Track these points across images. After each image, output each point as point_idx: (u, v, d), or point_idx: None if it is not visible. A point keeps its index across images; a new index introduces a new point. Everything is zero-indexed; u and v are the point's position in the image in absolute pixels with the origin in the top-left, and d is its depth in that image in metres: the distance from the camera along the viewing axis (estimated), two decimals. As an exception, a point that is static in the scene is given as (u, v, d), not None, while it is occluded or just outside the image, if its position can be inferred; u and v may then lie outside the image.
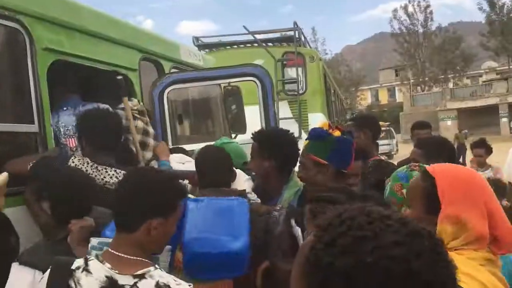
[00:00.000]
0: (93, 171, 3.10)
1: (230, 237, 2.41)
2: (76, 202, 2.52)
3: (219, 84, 5.12)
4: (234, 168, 3.09)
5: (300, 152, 2.79)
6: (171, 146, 4.12)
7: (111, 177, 3.12)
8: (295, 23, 9.49)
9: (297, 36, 9.37)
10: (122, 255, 1.84)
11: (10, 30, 3.14)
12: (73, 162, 3.12)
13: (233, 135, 6.03)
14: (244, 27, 9.48)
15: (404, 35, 55.58)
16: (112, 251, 1.86)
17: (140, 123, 3.75)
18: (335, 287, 0.71)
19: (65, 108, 3.78)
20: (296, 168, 3.21)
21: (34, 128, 3.19)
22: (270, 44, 10.06)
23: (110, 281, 1.75)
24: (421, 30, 55.51)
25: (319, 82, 9.47)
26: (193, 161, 3.45)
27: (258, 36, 9.77)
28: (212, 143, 3.96)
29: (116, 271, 1.77)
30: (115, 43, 4.11)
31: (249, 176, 3.38)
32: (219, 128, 5.83)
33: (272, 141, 3.06)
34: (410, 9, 55.58)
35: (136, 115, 3.73)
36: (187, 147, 4.37)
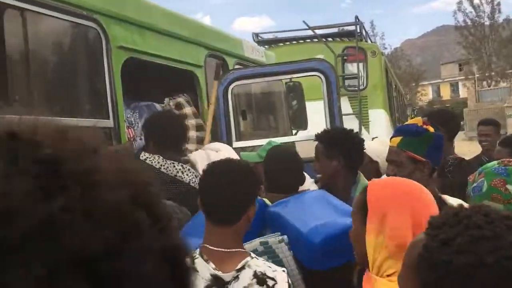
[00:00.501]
0: (165, 163, 3.25)
1: (342, 215, 2.29)
2: None
3: (281, 80, 5.14)
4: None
5: (388, 149, 2.68)
6: (235, 146, 4.19)
7: (177, 171, 3.26)
8: (356, 17, 9.35)
9: (358, 30, 9.23)
10: (223, 249, 1.86)
11: (88, 29, 3.30)
12: (144, 155, 3.27)
13: (293, 131, 6.04)
14: (304, 22, 9.47)
15: (469, 28, 53.22)
16: (212, 247, 1.87)
17: (198, 120, 3.89)
18: (451, 285, 0.70)
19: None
20: None
21: (109, 123, 3.34)
22: (329, 39, 9.96)
23: (215, 279, 1.80)
24: (487, 23, 52.91)
25: (381, 77, 9.28)
26: (227, 150, 3.50)
27: (318, 31, 9.71)
28: (275, 139, 3.99)
29: (220, 271, 1.81)
30: (183, 40, 4.22)
31: (313, 179, 3.35)
32: (282, 124, 5.85)
33: (339, 141, 3.03)
34: (476, 0, 53.11)
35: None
36: (250, 143, 4.43)
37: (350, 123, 8.50)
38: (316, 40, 9.65)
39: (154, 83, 4.26)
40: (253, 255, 1.89)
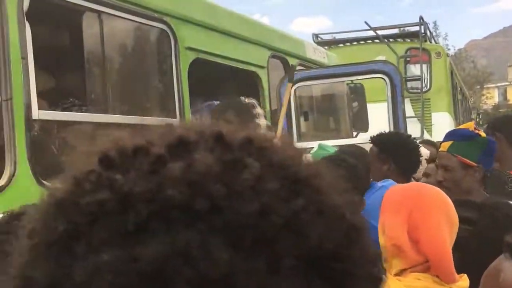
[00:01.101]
0: None
1: None
2: None
3: (344, 82, 5.09)
4: None
5: (439, 153, 2.65)
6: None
7: None
8: (421, 18, 9.09)
9: (422, 31, 8.97)
10: None
11: (158, 31, 3.42)
12: None
13: (354, 133, 5.97)
14: (366, 23, 9.33)
15: (540, 28, 50.36)
16: None
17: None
18: None
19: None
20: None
21: (176, 122, 3.44)
22: (391, 40, 9.75)
23: None
24: (560, 22, 49.82)
25: (446, 79, 8.97)
26: None
27: (379, 32, 9.53)
28: (331, 142, 3.97)
29: None
30: (247, 41, 4.28)
31: None
32: (343, 126, 5.79)
33: (391, 145, 2.97)
34: (548, -1, 50.13)
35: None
36: (311, 144, 4.42)
37: (412, 126, 8.32)
38: (377, 41, 9.48)
39: (218, 84, 4.34)
40: None
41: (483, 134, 2.46)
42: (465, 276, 1.56)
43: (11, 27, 2.39)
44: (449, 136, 2.60)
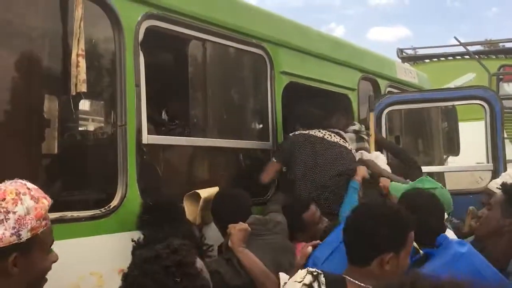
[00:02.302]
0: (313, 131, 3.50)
1: None
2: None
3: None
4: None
5: None
6: None
7: (324, 134, 3.52)
8: (516, 34, 8.60)
9: (518, 48, 8.49)
10: (363, 285, 1.89)
11: (256, 56, 3.50)
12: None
13: (444, 156, 5.75)
14: (456, 38, 9.00)
15: None
16: (352, 280, 1.91)
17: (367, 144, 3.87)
18: None
19: None
20: None
21: (268, 145, 3.50)
22: (482, 56, 9.30)
23: None
24: None
25: (543, 98, 8.39)
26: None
27: (470, 48, 9.12)
28: (431, 168, 3.84)
29: None
30: (338, 63, 4.27)
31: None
32: (435, 149, 5.60)
33: None
34: None
35: (364, 136, 3.85)
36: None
37: (506, 149, 7.86)
38: (466, 56, 9.08)
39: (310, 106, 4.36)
40: None
41: None
42: None
43: (128, 57, 2.56)
44: None
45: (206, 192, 2.77)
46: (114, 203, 2.48)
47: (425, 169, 4.01)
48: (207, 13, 3.02)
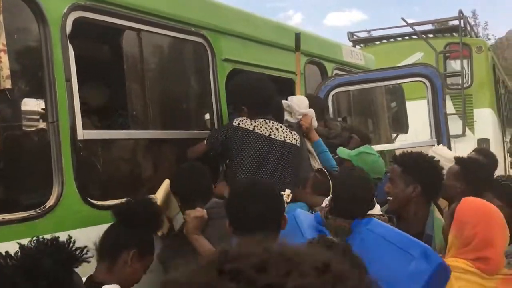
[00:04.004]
0: (258, 124, 3.20)
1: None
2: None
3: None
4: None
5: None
6: None
7: (271, 128, 3.22)
8: (460, 12, 8.82)
9: (462, 25, 8.70)
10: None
11: (196, 44, 3.44)
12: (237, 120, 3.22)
13: (393, 135, 5.86)
14: (403, 19, 9.11)
15: None
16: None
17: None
18: None
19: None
20: None
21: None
22: (430, 35, 9.50)
23: None
24: None
25: (487, 74, 8.68)
26: None
27: (417, 28, 9.30)
28: (377, 147, 3.90)
29: None
30: (283, 49, 4.25)
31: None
32: (382, 128, 5.70)
33: (419, 167, 2.78)
34: None
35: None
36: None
37: (453, 123, 8.08)
38: (414, 37, 9.27)
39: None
40: None
41: None
42: None
43: (55, 50, 2.46)
44: None
45: (161, 193, 2.76)
46: (50, 202, 2.40)
47: (375, 147, 4.07)
48: (141, 2, 2.94)
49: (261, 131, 3.18)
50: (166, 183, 2.88)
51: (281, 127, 3.29)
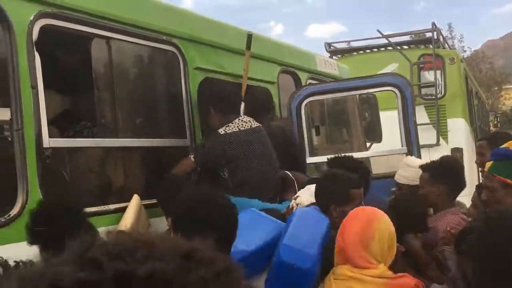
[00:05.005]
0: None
1: None
2: None
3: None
4: None
5: (484, 173, 2.64)
6: (309, 161, 4.19)
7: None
8: (433, 24, 9.01)
9: (435, 37, 8.88)
10: None
11: (167, 53, 3.45)
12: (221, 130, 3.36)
13: (367, 144, 5.93)
14: (378, 31, 9.26)
15: (558, 26, 49.41)
16: None
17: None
18: None
19: None
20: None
21: (186, 142, 3.46)
22: (405, 47, 9.67)
23: None
24: None
25: (460, 85, 8.86)
26: None
27: (392, 39, 9.47)
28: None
29: None
30: (256, 58, 4.28)
31: None
32: (356, 138, 5.76)
33: (443, 168, 3.06)
34: None
35: None
36: (324, 158, 4.40)
37: (427, 133, 8.22)
38: (390, 48, 9.42)
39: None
40: None
41: None
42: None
43: (21, 57, 2.44)
44: (491, 156, 2.60)
45: (129, 218, 2.71)
46: (14, 211, 2.36)
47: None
48: (110, 11, 2.94)
49: (243, 127, 3.41)
50: (135, 198, 2.84)
51: (240, 118, 3.48)
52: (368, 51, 10.12)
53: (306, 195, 2.78)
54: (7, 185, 2.48)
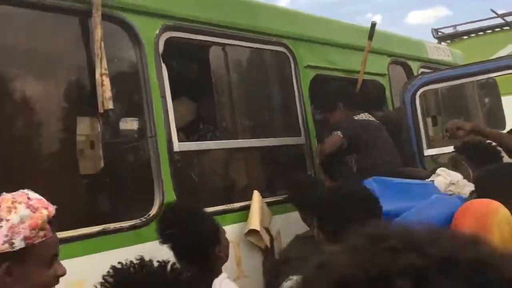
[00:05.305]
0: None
1: None
2: None
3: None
4: None
5: None
6: (426, 154, 4.02)
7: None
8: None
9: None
10: None
11: (278, 53, 3.52)
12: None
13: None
14: (492, 10, 8.65)
15: None
16: None
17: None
18: None
19: None
20: None
21: (301, 140, 3.51)
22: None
23: None
24: None
25: None
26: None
27: (508, 19, 8.76)
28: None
29: None
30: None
31: None
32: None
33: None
34: None
35: None
36: (442, 150, 4.19)
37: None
38: (506, 28, 8.73)
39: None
40: None
41: None
42: None
43: (150, 70, 2.64)
44: None
45: (254, 221, 2.82)
46: (153, 211, 2.56)
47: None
48: (223, 18, 3.08)
49: (371, 119, 3.70)
50: (256, 194, 2.94)
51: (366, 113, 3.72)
52: (480, 33, 9.47)
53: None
54: (144, 188, 2.70)
